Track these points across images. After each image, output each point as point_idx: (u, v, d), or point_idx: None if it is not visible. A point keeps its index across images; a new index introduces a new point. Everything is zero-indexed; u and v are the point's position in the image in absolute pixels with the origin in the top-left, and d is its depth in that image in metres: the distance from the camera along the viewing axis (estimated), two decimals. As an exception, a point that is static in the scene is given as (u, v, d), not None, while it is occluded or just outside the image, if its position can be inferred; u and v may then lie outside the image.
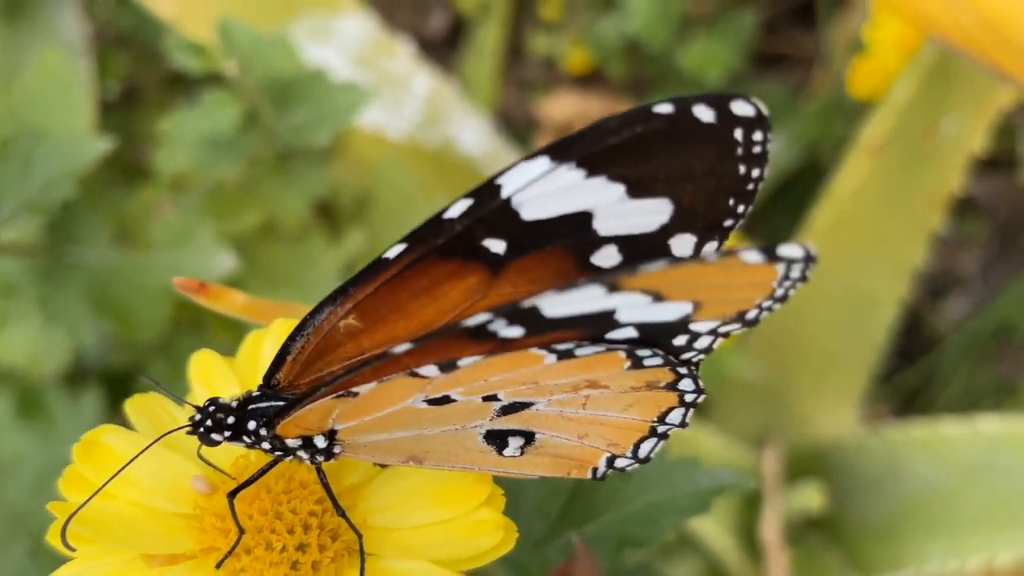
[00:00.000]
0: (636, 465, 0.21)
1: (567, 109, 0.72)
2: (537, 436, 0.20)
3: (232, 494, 0.19)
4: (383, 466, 0.22)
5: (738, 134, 0.18)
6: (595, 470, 0.21)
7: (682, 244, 0.19)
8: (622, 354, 0.18)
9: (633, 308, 0.17)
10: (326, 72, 0.44)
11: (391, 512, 0.21)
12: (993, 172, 0.69)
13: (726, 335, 0.18)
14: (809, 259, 0.16)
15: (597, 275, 0.16)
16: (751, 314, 0.18)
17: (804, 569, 0.59)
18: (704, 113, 0.18)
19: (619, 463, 0.21)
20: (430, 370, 0.18)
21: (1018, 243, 0.71)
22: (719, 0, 0.67)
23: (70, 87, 0.45)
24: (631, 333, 0.18)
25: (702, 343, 0.18)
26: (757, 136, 0.19)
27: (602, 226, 0.19)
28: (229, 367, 0.22)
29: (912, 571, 0.55)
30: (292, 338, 0.20)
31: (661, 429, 0.20)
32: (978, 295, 0.70)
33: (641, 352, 0.18)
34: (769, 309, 0.18)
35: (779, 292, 0.17)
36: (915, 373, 0.70)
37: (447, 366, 0.17)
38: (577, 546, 0.27)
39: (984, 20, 0.47)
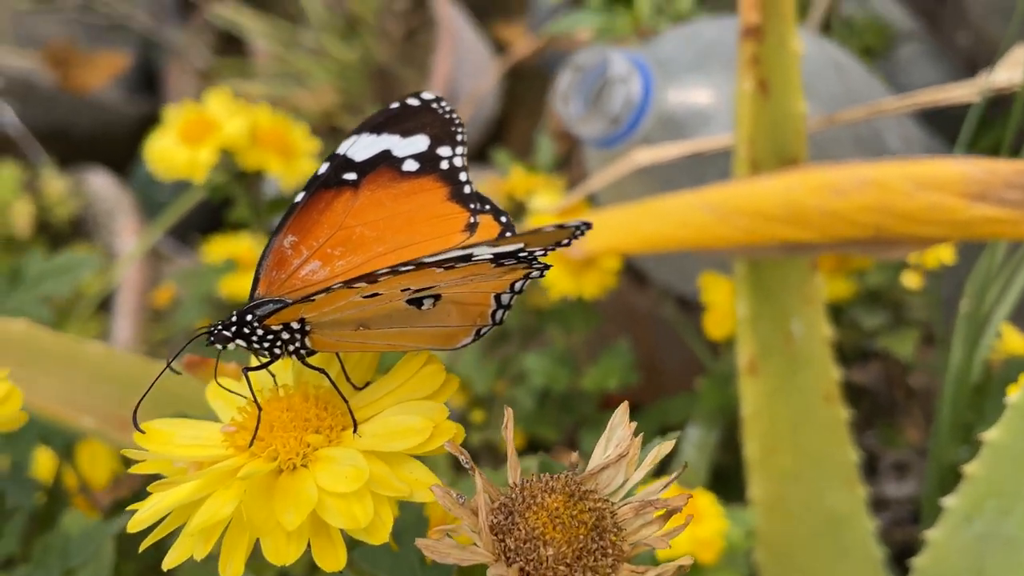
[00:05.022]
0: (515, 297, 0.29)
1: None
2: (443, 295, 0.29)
3: (246, 370, 0.27)
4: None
5: (434, 105, 0.34)
6: (493, 314, 0.29)
7: (442, 150, 0.33)
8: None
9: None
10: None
11: (370, 396, 0.29)
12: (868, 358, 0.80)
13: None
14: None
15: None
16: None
17: None
18: (414, 101, 0.34)
19: (503, 299, 0.29)
20: None
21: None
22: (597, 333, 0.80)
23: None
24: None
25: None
26: (443, 104, 0.34)
27: (399, 153, 0.33)
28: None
29: None
30: (260, 263, 0.30)
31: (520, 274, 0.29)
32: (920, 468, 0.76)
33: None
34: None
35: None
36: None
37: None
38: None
39: (755, 211, 0.61)
